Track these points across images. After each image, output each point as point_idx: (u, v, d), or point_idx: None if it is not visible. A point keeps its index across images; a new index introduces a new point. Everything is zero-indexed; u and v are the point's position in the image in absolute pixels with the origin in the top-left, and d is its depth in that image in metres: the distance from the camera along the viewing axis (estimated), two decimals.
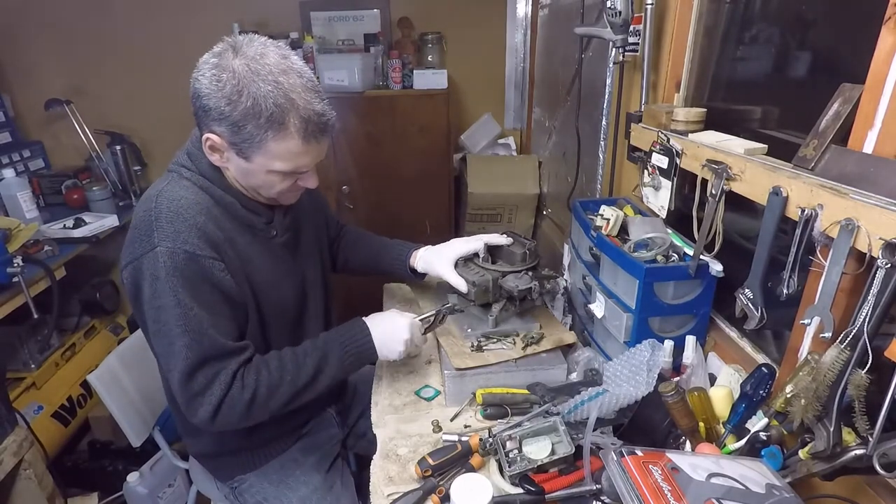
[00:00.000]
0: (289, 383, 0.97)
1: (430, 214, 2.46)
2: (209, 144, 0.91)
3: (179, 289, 0.88)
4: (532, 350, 1.16)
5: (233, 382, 0.92)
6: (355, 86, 2.18)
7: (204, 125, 0.90)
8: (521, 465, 0.90)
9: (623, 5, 1.19)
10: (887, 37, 0.70)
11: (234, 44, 0.86)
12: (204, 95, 0.85)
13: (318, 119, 0.89)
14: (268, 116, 0.84)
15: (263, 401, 0.96)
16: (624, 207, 1.29)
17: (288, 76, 0.85)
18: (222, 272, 0.93)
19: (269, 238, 1.05)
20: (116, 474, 1.83)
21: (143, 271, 0.89)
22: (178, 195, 0.93)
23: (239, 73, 0.83)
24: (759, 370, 0.84)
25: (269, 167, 0.91)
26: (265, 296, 1.03)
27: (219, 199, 0.97)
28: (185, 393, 0.92)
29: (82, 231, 2.03)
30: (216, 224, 0.95)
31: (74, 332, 2.05)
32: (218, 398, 0.91)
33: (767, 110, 1.08)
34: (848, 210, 0.70)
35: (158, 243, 0.88)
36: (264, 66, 0.84)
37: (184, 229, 0.90)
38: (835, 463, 0.71)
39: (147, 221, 0.91)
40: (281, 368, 0.98)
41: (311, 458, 1.21)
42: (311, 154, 0.93)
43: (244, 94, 0.83)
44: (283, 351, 1.02)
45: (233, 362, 0.93)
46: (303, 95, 0.87)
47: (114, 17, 2.44)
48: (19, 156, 2.42)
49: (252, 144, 0.88)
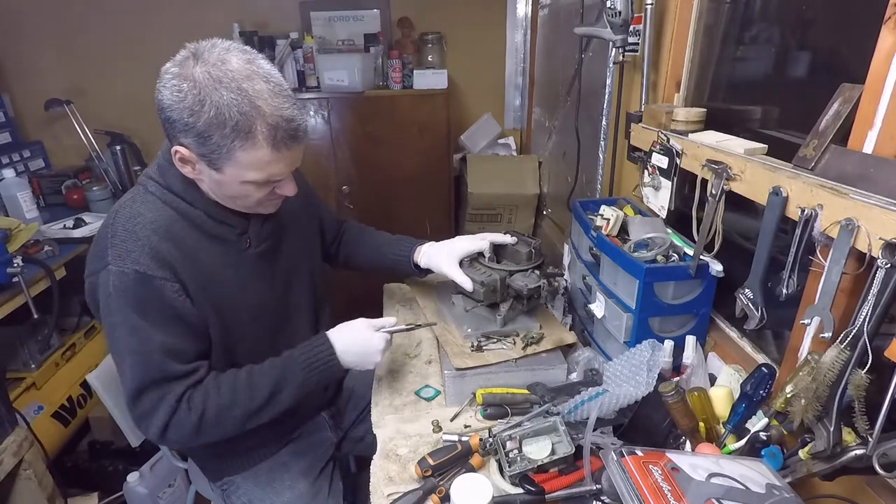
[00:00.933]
0: (241, 404, 0.95)
1: (430, 214, 2.46)
2: (179, 157, 0.87)
3: (128, 309, 0.88)
4: (532, 350, 1.16)
5: (178, 405, 0.91)
6: (355, 86, 2.19)
7: (172, 137, 0.87)
8: (521, 465, 0.90)
9: (623, 5, 1.19)
10: (887, 37, 0.70)
11: (195, 50, 0.82)
12: (167, 107, 0.82)
13: (286, 125, 0.84)
14: (233, 126, 0.80)
15: (213, 422, 0.93)
16: (624, 207, 1.29)
17: (252, 82, 0.81)
18: (175, 293, 0.90)
19: (243, 249, 1.02)
20: (116, 474, 1.83)
21: (98, 287, 0.89)
22: (136, 211, 0.91)
23: (200, 82, 0.79)
24: (759, 370, 0.84)
25: (242, 177, 0.88)
26: (232, 312, 1.01)
27: (184, 214, 0.94)
28: (132, 412, 0.92)
29: (82, 231, 2.03)
30: (175, 242, 0.92)
31: (74, 332, 2.05)
32: (163, 421, 0.90)
33: (767, 110, 1.08)
34: (848, 210, 0.70)
35: (111, 262, 0.87)
36: (226, 73, 0.80)
37: (135, 248, 0.88)
38: (835, 463, 0.71)
39: (104, 237, 0.90)
40: (233, 390, 0.95)
41: (301, 463, 1.20)
42: (284, 162, 0.89)
43: (206, 104, 0.79)
44: (240, 371, 0.99)
45: (179, 385, 0.91)
46: (270, 101, 0.82)
47: (114, 18, 2.44)
48: (19, 156, 2.43)
49: (221, 155, 0.84)
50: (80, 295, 2.02)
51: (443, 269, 1.22)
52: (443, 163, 2.38)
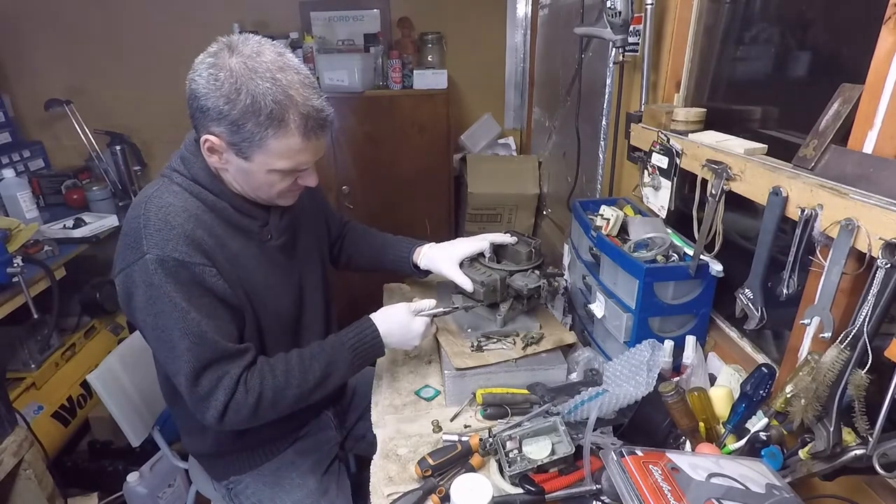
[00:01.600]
0: (296, 387, 0.98)
1: (430, 214, 2.46)
2: (208, 146, 0.90)
3: (174, 294, 0.88)
4: (532, 350, 1.16)
5: (237, 387, 0.93)
6: (355, 86, 2.18)
7: (202, 126, 0.89)
8: (521, 465, 0.90)
9: (623, 5, 1.19)
10: (887, 37, 0.70)
11: (229, 43, 0.85)
12: (202, 95, 0.84)
13: (317, 115, 0.88)
14: (267, 114, 0.84)
15: (269, 404, 0.96)
16: (624, 207, 1.29)
17: (285, 73, 0.85)
18: (214, 277, 0.92)
19: (264, 241, 1.04)
20: (116, 474, 1.83)
21: (135, 279, 0.89)
22: (166, 202, 0.92)
23: (236, 72, 0.83)
24: (759, 370, 0.84)
25: (270, 166, 0.90)
26: (260, 300, 1.03)
27: (210, 205, 0.96)
28: (191, 396, 0.93)
29: (82, 231, 2.03)
30: (206, 230, 0.94)
31: (74, 332, 2.05)
32: (223, 402, 0.92)
33: (767, 110, 1.08)
34: (848, 210, 0.70)
35: (148, 251, 0.88)
36: (261, 64, 0.84)
37: (172, 237, 0.89)
38: (835, 463, 0.71)
39: (136, 229, 0.90)
40: (287, 373, 0.98)
41: (308, 461, 1.21)
42: (311, 151, 0.92)
43: (243, 92, 0.83)
44: (291, 354, 1.02)
45: (235, 366, 0.93)
46: (301, 92, 0.86)
47: (114, 18, 2.44)
48: (19, 156, 2.43)
49: (252, 143, 0.87)
50: (80, 295, 2.01)
51: (443, 271, 1.23)
52: (443, 163, 2.38)
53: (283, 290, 1.09)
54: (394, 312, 1.08)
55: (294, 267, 1.12)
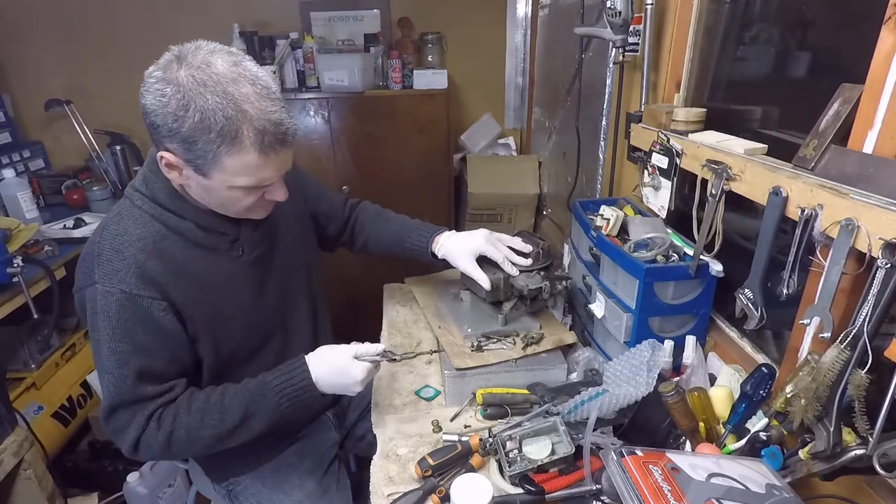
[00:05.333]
0: (211, 427, 0.93)
1: (430, 214, 2.42)
2: (165, 163, 0.86)
3: (109, 330, 0.88)
4: (532, 350, 1.16)
5: (148, 424, 0.91)
6: (355, 86, 2.18)
7: (157, 142, 0.85)
8: (521, 465, 0.90)
9: (623, 5, 1.19)
10: (887, 37, 0.70)
11: (179, 53, 0.80)
12: (150, 112, 0.80)
13: (274, 129, 0.82)
14: (218, 131, 0.79)
15: (183, 442, 0.93)
16: (624, 207, 1.29)
17: (238, 85, 0.79)
18: (162, 311, 0.90)
19: (236, 258, 1.01)
20: (116, 474, 1.83)
21: (85, 302, 0.90)
22: (122, 228, 0.91)
23: (184, 86, 0.78)
24: (759, 370, 0.84)
25: (230, 183, 0.86)
26: (229, 320, 1.00)
27: (173, 227, 0.93)
28: (106, 427, 0.93)
29: (82, 231, 2.03)
30: (163, 258, 0.91)
31: (74, 332, 2.05)
32: (133, 438, 0.91)
33: (767, 110, 1.08)
34: (848, 210, 0.70)
35: (97, 280, 0.87)
36: (211, 76, 0.78)
37: (122, 268, 0.87)
38: (835, 463, 0.71)
39: (90, 255, 0.90)
40: (202, 412, 0.93)
41: (307, 462, 1.20)
42: (273, 166, 0.87)
43: (191, 108, 0.78)
44: (215, 391, 0.97)
45: (150, 405, 0.91)
46: (256, 105, 0.80)
47: (114, 18, 2.44)
48: (19, 156, 2.42)
49: (207, 161, 0.82)
50: None
51: (459, 265, 1.21)
52: (443, 163, 2.38)
53: (257, 306, 1.05)
54: (332, 355, 0.98)
55: (272, 280, 1.09)
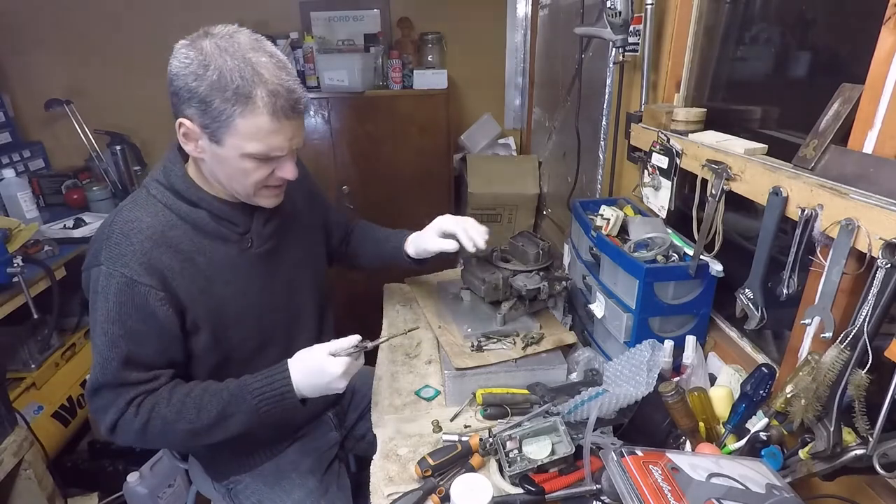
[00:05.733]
0: (187, 422, 0.93)
1: (430, 214, 2.42)
2: (183, 132, 0.90)
3: (105, 312, 0.90)
4: (532, 350, 1.16)
5: (127, 409, 0.92)
6: (355, 86, 2.18)
7: (178, 112, 0.89)
8: (521, 465, 0.90)
9: (623, 5, 1.19)
10: (887, 37, 0.70)
11: (207, 30, 0.88)
12: (174, 76, 0.86)
13: (287, 94, 0.86)
14: (234, 89, 0.83)
15: (157, 432, 0.93)
16: (624, 207, 1.29)
17: (257, 54, 0.86)
18: (158, 301, 0.91)
19: (245, 249, 1.02)
20: (116, 474, 1.83)
21: (90, 282, 0.93)
22: (134, 216, 0.94)
23: (207, 51, 0.84)
24: (759, 370, 0.84)
25: (242, 149, 0.88)
26: (235, 312, 1.01)
27: (184, 216, 0.96)
28: (89, 404, 0.95)
29: (82, 231, 2.03)
30: (171, 247, 0.93)
31: (74, 332, 2.05)
32: (111, 420, 0.92)
33: (767, 110, 1.08)
34: (848, 210, 0.70)
35: (103, 262, 0.90)
36: (233, 45, 0.85)
37: (127, 253, 0.90)
38: (835, 463, 0.71)
39: (101, 237, 0.94)
40: (181, 405, 0.93)
41: (308, 461, 1.20)
42: (284, 133, 0.89)
43: (210, 68, 0.83)
44: (197, 386, 0.97)
45: (132, 390, 0.93)
46: (272, 71, 0.86)
47: (114, 18, 2.43)
48: (19, 156, 2.42)
49: (221, 124, 0.86)
50: (80, 295, 2.01)
51: (428, 247, 1.24)
52: (443, 163, 2.38)
53: (264, 300, 1.06)
54: (308, 356, 0.97)
55: (280, 276, 1.10)
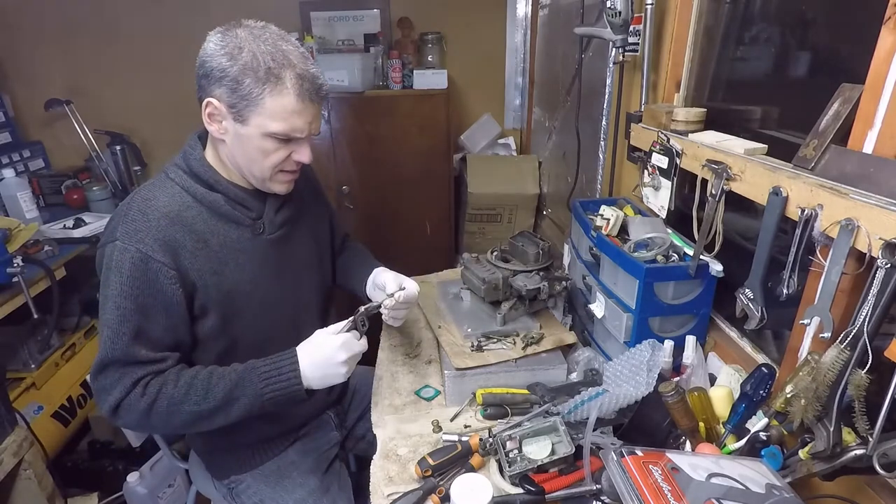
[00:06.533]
0: (193, 404, 0.93)
1: (430, 214, 2.46)
2: (209, 112, 0.93)
3: (118, 286, 0.91)
4: (532, 350, 1.16)
5: (134, 388, 0.92)
6: (355, 86, 2.18)
7: (205, 93, 0.93)
8: (521, 465, 0.90)
9: (623, 5, 1.19)
10: (887, 37, 0.70)
11: (238, 20, 0.95)
12: (208, 58, 0.91)
13: (312, 79, 0.94)
14: (266, 69, 0.89)
15: (163, 414, 0.93)
16: (624, 207, 1.29)
17: (287, 43, 0.94)
18: (169, 280, 0.93)
19: (257, 234, 1.05)
20: (116, 474, 1.83)
21: (104, 258, 0.94)
22: (152, 195, 0.97)
23: (241, 37, 0.91)
24: (759, 370, 0.84)
25: (265, 128, 0.93)
26: (244, 296, 1.03)
27: (200, 198, 0.99)
28: (93, 384, 0.95)
29: (82, 231, 2.03)
30: (186, 226, 0.96)
31: (74, 332, 2.05)
32: (116, 399, 0.92)
33: (767, 110, 1.08)
34: (848, 210, 0.70)
35: (119, 237, 0.92)
36: (265, 33, 0.93)
37: (143, 229, 0.93)
38: (835, 463, 0.71)
39: (119, 214, 0.96)
40: (189, 387, 0.94)
41: (309, 460, 1.21)
42: (306, 116, 0.95)
43: (245, 50, 0.90)
44: (204, 369, 0.97)
45: (140, 369, 0.93)
46: (299, 58, 0.93)
47: (114, 17, 2.43)
48: (19, 156, 2.42)
49: (249, 102, 0.91)
50: (80, 295, 2.01)
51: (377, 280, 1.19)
52: (443, 163, 2.38)
53: (272, 288, 1.08)
54: (316, 340, 0.98)
55: (288, 266, 1.11)
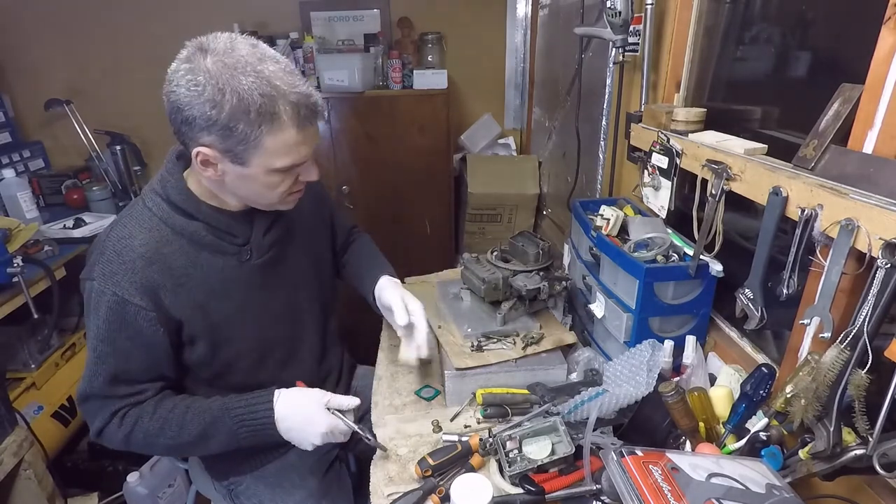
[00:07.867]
0: (169, 438, 0.95)
1: (430, 214, 2.46)
2: (201, 160, 0.85)
3: (95, 328, 0.92)
4: (532, 350, 1.16)
5: (111, 419, 0.95)
6: (355, 86, 2.18)
7: (191, 140, 0.84)
8: (521, 465, 0.90)
9: (623, 5, 1.19)
10: (887, 37, 0.70)
11: (199, 45, 0.80)
12: (185, 105, 0.79)
13: (307, 102, 0.84)
14: (257, 110, 0.79)
15: (140, 443, 0.96)
16: (624, 207, 1.29)
17: (265, 63, 0.80)
18: (148, 322, 0.91)
19: (243, 261, 1.00)
20: (116, 474, 1.83)
21: (83, 293, 0.94)
22: (128, 232, 0.92)
23: (215, 73, 0.77)
24: (759, 370, 0.84)
25: (270, 166, 0.86)
26: (233, 324, 1.01)
27: (180, 230, 0.93)
28: (79, 408, 0.99)
29: (82, 231, 2.03)
30: (165, 264, 0.92)
31: (74, 332, 2.05)
32: (97, 428, 0.96)
33: (767, 110, 1.08)
34: (848, 210, 0.70)
35: (95, 277, 0.90)
36: (238, 60, 0.79)
37: (119, 271, 0.89)
38: (835, 463, 0.71)
39: (97, 249, 0.93)
40: (164, 422, 0.95)
41: (309, 462, 1.20)
42: (308, 141, 0.88)
43: (227, 92, 0.77)
44: (182, 402, 0.98)
45: (118, 402, 0.95)
46: (285, 80, 0.81)
47: (114, 18, 2.43)
48: (19, 156, 2.42)
49: (247, 146, 0.82)
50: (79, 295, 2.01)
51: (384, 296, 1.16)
52: (443, 163, 2.38)
53: (262, 311, 1.06)
54: (301, 398, 0.98)
55: (280, 286, 1.08)
